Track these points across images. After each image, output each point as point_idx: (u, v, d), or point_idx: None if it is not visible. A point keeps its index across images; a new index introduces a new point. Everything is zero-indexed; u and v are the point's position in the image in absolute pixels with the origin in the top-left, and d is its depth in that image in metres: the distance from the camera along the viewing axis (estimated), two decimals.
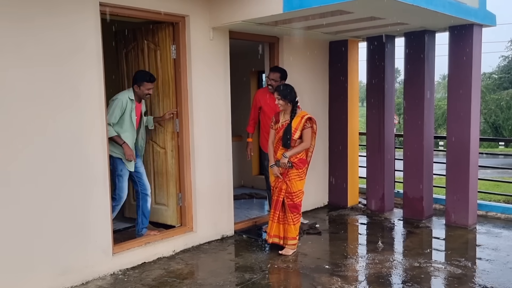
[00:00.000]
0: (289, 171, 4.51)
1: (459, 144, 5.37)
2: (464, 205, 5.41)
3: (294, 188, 4.53)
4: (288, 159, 4.46)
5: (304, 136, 4.50)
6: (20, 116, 3.45)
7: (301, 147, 4.50)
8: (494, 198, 8.86)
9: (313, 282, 3.92)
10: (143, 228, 4.65)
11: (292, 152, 4.47)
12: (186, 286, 3.86)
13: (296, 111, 4.54)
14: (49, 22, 3.57)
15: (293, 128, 4.47)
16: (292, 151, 4.47)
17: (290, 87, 4.53)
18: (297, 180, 4.54)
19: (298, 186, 4.56)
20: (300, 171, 4.56)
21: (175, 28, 4.64)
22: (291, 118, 4.51)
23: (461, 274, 4.06)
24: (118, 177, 4.44)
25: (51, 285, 3.68)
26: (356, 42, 6.37)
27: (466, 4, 4.83)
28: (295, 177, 4.53)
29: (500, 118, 26.41)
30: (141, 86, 4.42)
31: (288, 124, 4.51)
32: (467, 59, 5.23)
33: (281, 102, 4.49)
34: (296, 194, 4.56)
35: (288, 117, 4.55)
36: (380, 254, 4.57)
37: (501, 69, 30.53)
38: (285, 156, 4.47)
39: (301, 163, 4.54)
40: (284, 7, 4.14)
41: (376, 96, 6.07)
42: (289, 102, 4.48)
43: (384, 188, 6.13)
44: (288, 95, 4.46)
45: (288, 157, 4.46)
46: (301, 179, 4.58)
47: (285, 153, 4.48)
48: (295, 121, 4.49)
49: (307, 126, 4.50)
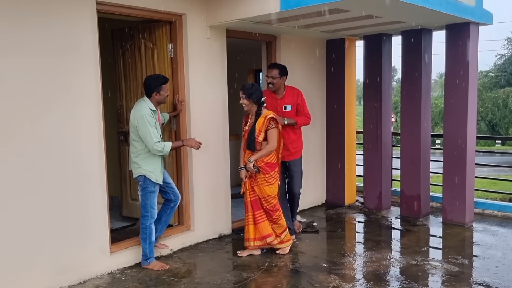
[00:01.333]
0: (256, 176, 4.33)
1: (456, 142, 5.38)
2: (461, 203, 5.42)
3: (263, 193, 4.36)
4: (253, 163, 4.27)
5: (269, 137, 4.27)
6: (15, 116, 3.44)
7: (267, 149, 4.27)
8: (491, 196, 8.87)
9: (310, 280, 3.93)
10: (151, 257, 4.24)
11: (256, 156, 4.26)
12: (183, 285, 3.86)
13: (261, 112, 4.32)
14: (45, 20, 3.56)
15: (257, 130, 4.27)
16: (256, 155, 4.26)
17: (256, 86, 4.33)
18: (264, 186, 4.33)
19: (267, 191, 4.35)
20: (268, 176, 4.32)
21: (172, 27, 4.63)
22: (256, 119, 4.31)
23: (458, 272, 4.07)
24: (151, 194, 4.12)
25: (48, 284, 3.67)
26: (353, 40, 6.38)
27: (463, 2, 4.84)
28: (263, 182, 4.33)
29: (496, 116, 26.51)
30: (161, 90, 4.09)
31: (253, 126, 4.31)
32: (464, 57, 5.24)
33: (245, 102, 4.28)
34: (266, 200, 4.38)
35: (254, 119, 4.35)
36: (377, 252, 4.58)
37: (498, 68, 30.62)
38: (250, 160, 4.27)
39: (268, 167, 4.32)
40: (281, 6, 4.13)
41: (373, 94, 6.08)
42: (254, 102, 4.28)
43: (381, 186, 6.14)
44: (253, 94, 4.25)
45: (253, 161, 4.26)
46: (269, 184, 4.34)
47: (250, 157, 4.28)
48: (259, 122, 4.28)
49: (271, 127, 4.26)
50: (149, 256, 4.17)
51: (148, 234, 4.13)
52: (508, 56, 30.44)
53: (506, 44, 31.01)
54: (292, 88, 4.92)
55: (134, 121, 4.01)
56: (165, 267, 4.18)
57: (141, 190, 4.13)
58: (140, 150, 4.05)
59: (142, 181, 4.10)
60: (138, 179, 4.12)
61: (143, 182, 4.10)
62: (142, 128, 3.96)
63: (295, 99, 4.85)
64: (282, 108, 4.82)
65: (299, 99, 4.87)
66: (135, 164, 4.09)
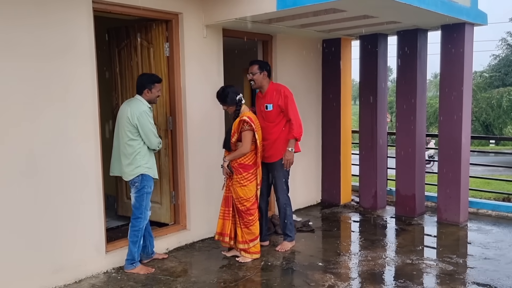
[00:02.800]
0: (232, 175, 4.31)
1: (450, 141, 5.41)
2: (455, 203, 5.45)
3: (235, 194, 4.30)
4: (228, 163, 4.27)
5: (242, 139, 4.20)
6: (11, 115, 3.43)
7: (239, 151, 4.21)
8: (485, 196, 8.92)
9: (306, 279, 3.94)
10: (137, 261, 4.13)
11: (230, 157, 4.25)
12: (179, 284, 3.86)
13: (239, 112, 4.26)
14: (41, 20, 3.55)
15: (232, 130, 4.24)
16: (230, 156, 4.26)
17: (227, 89, 4.25)
18: (237, 187, 4.27)
19: (238, 193, 4.27)
20: (240, 177, 4.25)
21: (168, 26, 4.63)
22: (233, 120, 4.29)
23: (452, 271, 4.10)
24: (147, 195, 4.06)
25: (44, 283, 3.67)
26: (349, 40, 6.40)
27: (458, 3, 4.87)
28: (236, 183, 4.28)
29: (490, 117, 26.62)
30: (153, 88, 4.05)
31: (231, 125, 4.31)
32: (459, 57, 5.27)
33: (224, 107, 4.33)
34: (238, 201, 4.30)
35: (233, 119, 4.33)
36: (372, 251, 4.60)
37: (492, 68, 30.73)
38: (224, 160, 4.30)
39: (241, 168, 4.25)
40: (278, 5, 4.14)
41: (368, 94, 6.10)
42: (230, 104, 4.24)
43: (376, 186, 6.16)
44: (226, 98, 4.21)
45: (227, 161, 4.26)
46: (241, 186, 4.26)
47: (226, 156, 4.31)
48: (235, 123, 4.24)
49: (245, 129, 4.17)
50: (136, 260, 4.08)
51: (139, 236, 4.06)
52: (502, 57, 30.55)
53: (500, 45, 31.13)
54: (275, 85, 4.57)
55: (133, 119, 3.91)
56: (151, 271, 4.10)
57: (137, 191, 4.03)
58: (138, 148, 3.97)
59: (139, 182, 4.00)
60: (135, 180, 4.00)
61: (140, 182, 4.01)
62: (144, 123, 3.92)
63: (277, 98, 4.45)
64: (264, 107, 4.54)
65: (281, 99, 4.44)
66: (131, 166, 3.98)
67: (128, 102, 4.09)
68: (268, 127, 4.50)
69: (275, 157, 4.53)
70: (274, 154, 4.53)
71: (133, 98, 4.10)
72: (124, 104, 4.12)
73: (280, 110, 4.46)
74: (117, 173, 4.14)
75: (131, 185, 4.06)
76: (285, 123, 4.49)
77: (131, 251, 4.05)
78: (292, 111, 4.42)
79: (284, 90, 4.48)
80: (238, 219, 4.35)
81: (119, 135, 4.03)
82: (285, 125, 4.50)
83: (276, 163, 4.54)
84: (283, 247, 4.62)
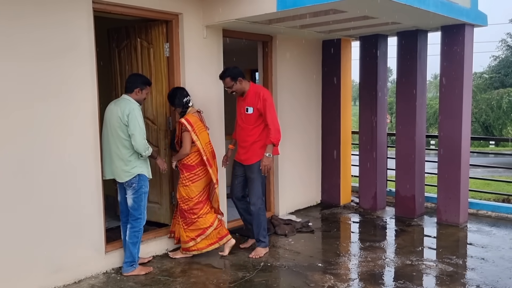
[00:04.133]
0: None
1: (450, 142, 5.41)
2: (455, 204, 5.45)
3: (179, 193, 4.35)
4: (176, 163, 4.36)
5: (182, 140, 4.26)
6: (10, 115, 3.42)
7: (180, 153, 4.28)
8: (485, 197, 8.93)
9: (306, 280, 3.93)
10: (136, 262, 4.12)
11: (174, 157, 4.38)
12: (179, 284, 3.85)
13: (184, 114, 4.29)
14: (41, 20, 3.55)
15: (176, 131, 4.33)
16: (174, 156, 4.38)
17: (175, 92, 4.30)
18: (180, 186, 4.35)
19: (181, 192, 4.33)
20: (182, 177, 4.32)
21: (168, 26, 4.63)
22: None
23: (452, 272, 4.10)
24: (145, 195, 4.05)
25: (43, 283, 3.66)
26: (349, 41, 6.40)
27: (458, 4, 4.87)
28: (179, 183, 4.37)
29: (490, 118, 26.64)
30: (144, 90, 4.03)
31: (175, 127, 4.41)
32: (458, 58, 5.27)
33: (172, 108, 4.46)
34: (181, 200, 4.34)
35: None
36: (372, 252, 4.60)
37: (492, 69, 30.77)
38: (172, 160, 4.42)
39: (184, 168, 4.32)
40: (278, 6, 4.14)
41: (368, 95, 6.10)
42: (177, 106, 4.29)
43: (376, 187, 6.16)
44: (173, 100, 4.29)
45: (174, 161, 4.37)
46: (183, 186, 4.31)
47: (173, 156, 4.43)
48: (178, 124, 4.33)
49: (183, 130, 4.21)
50: (136, 261, 4.06)
51: (139, 237, 4.06)
52: (502, 58, 30.59)
53: (500, 46, 31.19)
54: (255, 88, 4.47)
55: (123, 117, 3.84)
56: (150, 270, 4.10)
57: (134, 192, 4.00)
58: (133, 148, 3.92)
59: (137, 182, 3.98)
60: (132, 181, 3.96)
61: (138, 183, 3.98)
62: (133, 120, 3.83)
63: (256, 101, 4.37)
64: (245, 110, 4.45)
65: (259, 103, 4.34)
66: (127, 167, 3.93)
67: (116, 102, 4.03)
68: (246, 129, 4.46)
69: (252, 160, 4.46)
70: (252, 157, 4.46)
71: (121, 97, 4.04)
72: (111, 104, 4.04)
73: (259, 113, 4.39)
74: (110, 176, 4.06)
75: (127, 186, 4.00)
76: (265, 126, 4.43)
77: (131, 252, 4.03)
78: (270, 115, 4.34)
79: (263, 93, 4.39)
80: (180, 219, 4.40)
81: (110, 137, 3.96)
82: (264, 128, 4.43)
83: (253, 166, 4.46)
84: (256, 253, 4.48)
